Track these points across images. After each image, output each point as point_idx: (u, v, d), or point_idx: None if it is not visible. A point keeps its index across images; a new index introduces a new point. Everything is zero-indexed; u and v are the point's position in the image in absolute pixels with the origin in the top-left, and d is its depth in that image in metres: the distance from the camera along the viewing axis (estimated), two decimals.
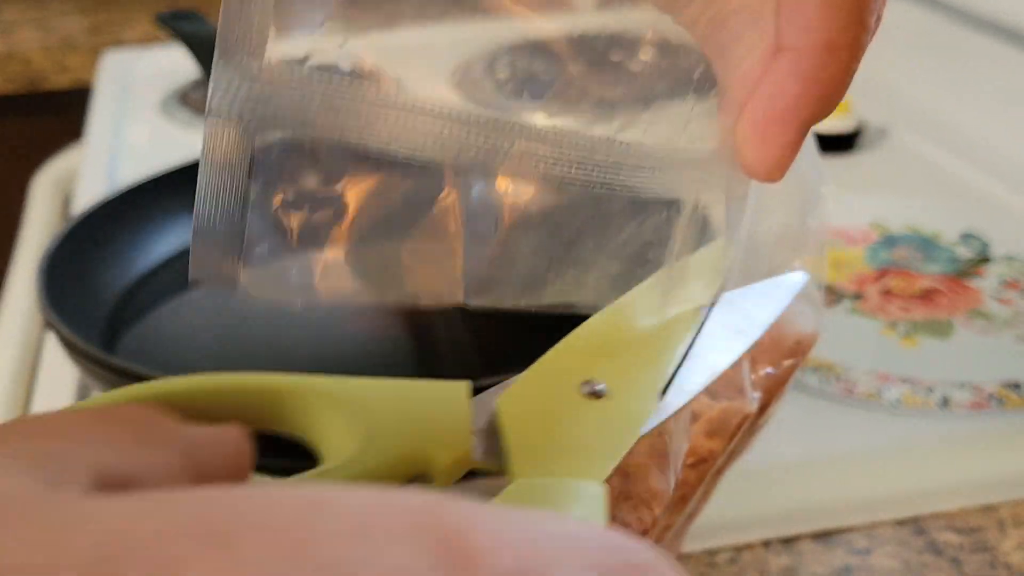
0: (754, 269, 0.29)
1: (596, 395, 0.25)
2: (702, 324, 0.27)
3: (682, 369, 0.27)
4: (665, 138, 0.26)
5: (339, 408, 0.23)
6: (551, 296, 0.27)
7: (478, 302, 0.26)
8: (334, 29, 0.24)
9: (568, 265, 0.27)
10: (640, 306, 0.27)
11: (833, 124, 0.76)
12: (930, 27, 0.85)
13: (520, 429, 0.24)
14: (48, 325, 0.47)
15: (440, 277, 0.26)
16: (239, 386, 0.23)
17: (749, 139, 0.26)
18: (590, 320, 0.27)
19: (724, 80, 0.27)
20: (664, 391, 0.26)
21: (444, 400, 0.24)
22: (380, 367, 0.52)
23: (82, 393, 0.53)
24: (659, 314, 0.27)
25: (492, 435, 0.25)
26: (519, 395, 0.25)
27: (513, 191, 0.25)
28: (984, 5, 0.75)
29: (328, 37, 0.24)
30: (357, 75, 0.23)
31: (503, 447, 0.24)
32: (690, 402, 0.26)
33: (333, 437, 0.23)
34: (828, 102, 0.26)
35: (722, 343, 0.28)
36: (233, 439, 0.20)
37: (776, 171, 0.26)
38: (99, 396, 0.23)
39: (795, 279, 0.31)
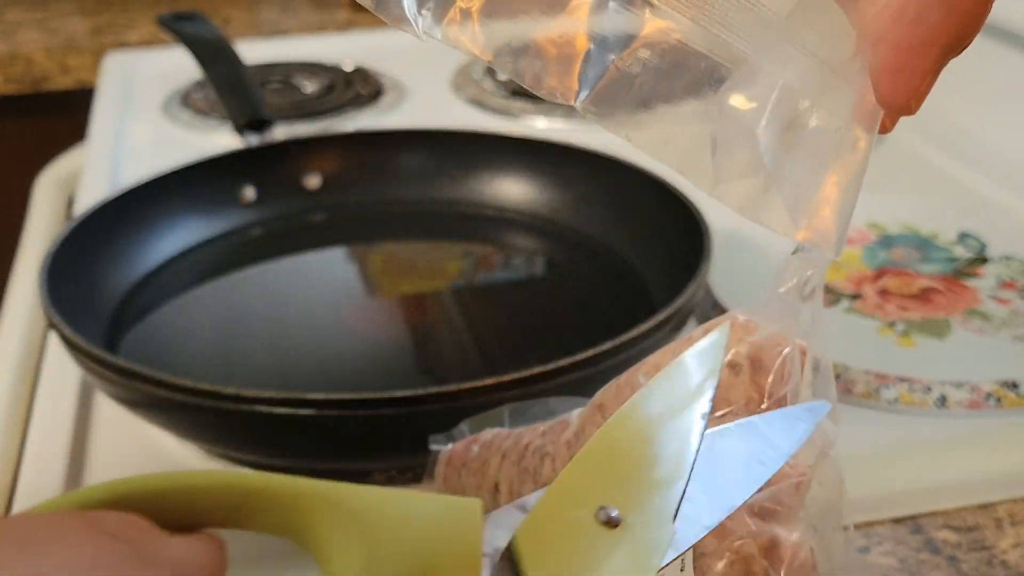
0: None
1: (611, 523, 0.25)
2: (701, 439, 0.26)
3: (698, 495, 0.26)
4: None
5: (342, 519, 0.22)
6: (651, 135, 0.27)
7: (588, 110, 0.26)
8: None
9: (680, 104, 0.27)
10: (644, 412, 0.26)
11: None
12: None
13: (539, 559, 0.24)
14: (50, 325, 0.47)
15: (559, 70, 0.26)
16: (236, 485, 0.22)
17: (887, 68, 0.26)
18: (596, 435, 0.26)
19: (859, 24, 0.27)
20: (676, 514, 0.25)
21: (455, 519, 0.23)
22: (381, 367, 0.52)
23: (85, 392, 0.53)
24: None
25: (505, 561, 0.24)
26: (537, 522, 0.24)
27: (652, 17, 0.26)
28: None
29: None
30: None
31: None
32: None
33: (334, 550, 0.22)
34: (967, 30, 0.26)
35: (742, 473, 0.27)
36: (215, 552, 0.21)
37: (914, 101, 0.27)
38: (91, 489, 0.22)
39: (819, 406, 0.30)
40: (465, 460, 0.38)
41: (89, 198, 0.70)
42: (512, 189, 0.65)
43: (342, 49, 1.05)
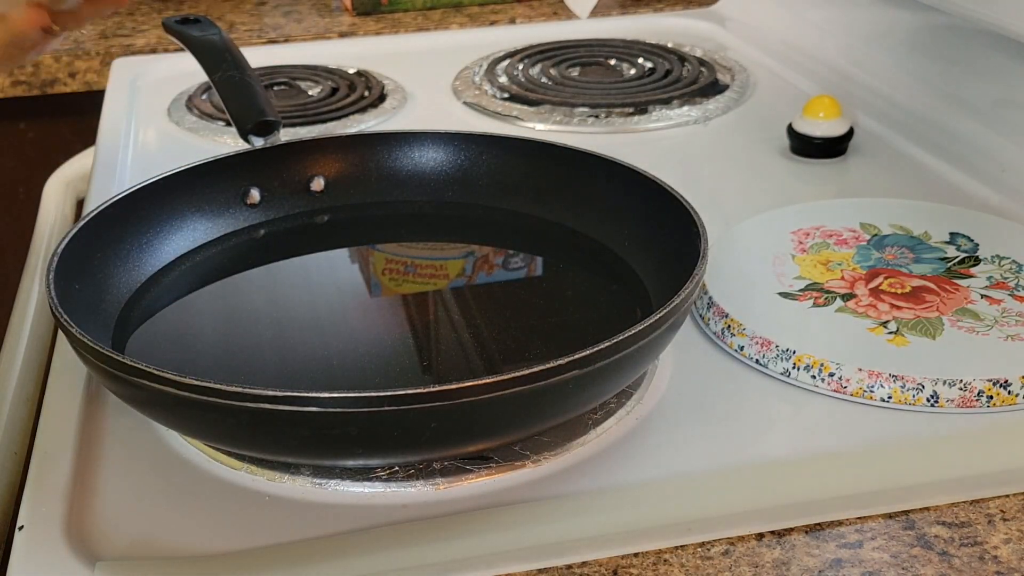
0: None
1: None
2: None
3: None
4: None
5: None
6: None
7: None
8: None
9: None
10: None
11: (826, 127, 0.77)
12: (921, 32, 0.85)
13: None
14: (58, 324, 0.48)
15: None
16: None
17: None
18: None
19: None
20: None
21: None
22: (383, 366, 0.52)
23: (92, 392, 0.54)
24: None
25: None
26: None
27: None
28: (975, 10, 0.76)
29: None
30: None
31: None
32: None
33: None
34: None
35: None
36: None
37: None
38: None
39: None
40: None
41: (98, 200, 0.71)
42: (512, 190, 0.65)
43: (345, 53, 1.06)
